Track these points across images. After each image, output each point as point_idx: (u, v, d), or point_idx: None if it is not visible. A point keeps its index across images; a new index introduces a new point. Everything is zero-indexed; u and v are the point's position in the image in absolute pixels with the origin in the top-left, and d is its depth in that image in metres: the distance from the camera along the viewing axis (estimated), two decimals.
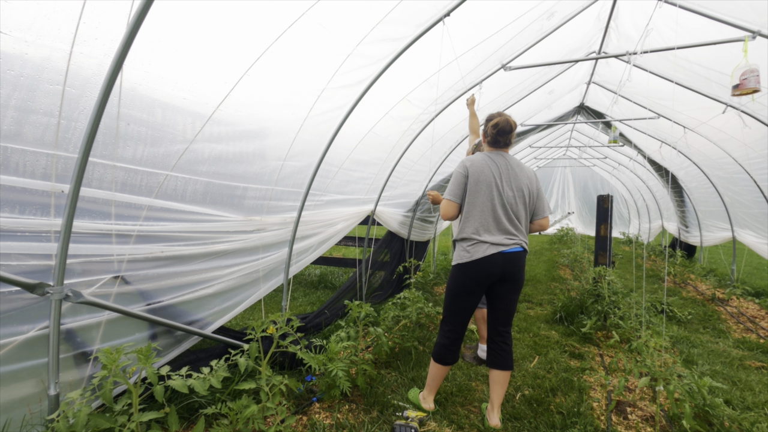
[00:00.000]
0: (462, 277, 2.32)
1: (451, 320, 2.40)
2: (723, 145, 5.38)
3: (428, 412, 2.49)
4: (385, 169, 4.29)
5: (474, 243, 2.27)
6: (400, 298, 3.69)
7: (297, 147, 2.88)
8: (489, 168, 2.30)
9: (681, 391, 2.33)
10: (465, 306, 2.36)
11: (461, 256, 2.31)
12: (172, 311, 2.35)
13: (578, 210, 15.42)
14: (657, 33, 3.77)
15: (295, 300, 5.26)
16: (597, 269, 4.68)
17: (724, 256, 9.23)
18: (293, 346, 2.28)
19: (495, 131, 2.36)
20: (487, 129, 2.41)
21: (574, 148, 11.11)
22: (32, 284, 1.67)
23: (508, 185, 2.31)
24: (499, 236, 2.28)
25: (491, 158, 2.34)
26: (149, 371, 1.69)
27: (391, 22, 2.60)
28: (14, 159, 1.58)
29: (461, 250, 2.32)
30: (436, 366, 2.45)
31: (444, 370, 2.46)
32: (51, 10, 1.48)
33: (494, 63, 3.81)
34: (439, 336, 2.45)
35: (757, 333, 4.34)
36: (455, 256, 2.38)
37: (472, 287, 2.31)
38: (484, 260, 2.25)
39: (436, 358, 2.44)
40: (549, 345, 3.76)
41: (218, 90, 2.16)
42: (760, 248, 5.70)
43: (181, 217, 2.27)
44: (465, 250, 2.29)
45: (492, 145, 2.43)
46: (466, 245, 2.29)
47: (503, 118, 2.35)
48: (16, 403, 1.73)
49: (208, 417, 2.29)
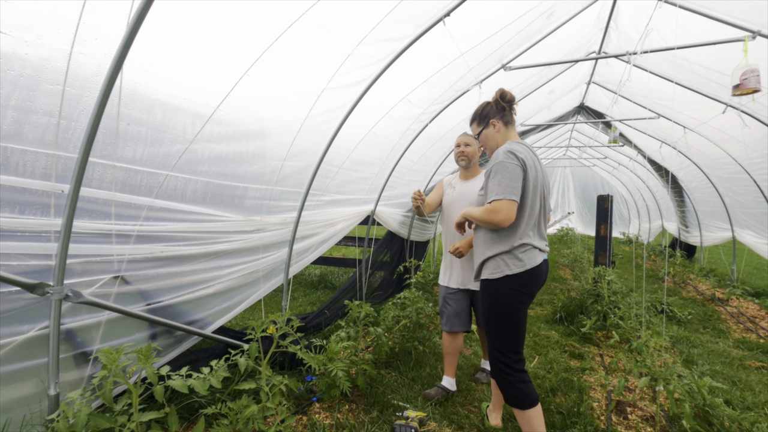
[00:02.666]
0: (515, 292, 1.88)
1: (520, 345, 1.93)
2: (723, 145, 5.38)
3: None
4: (385, 169, 4.28)
5: (527, 249, 1.90)
6: (400, 298, 3.69)
7: (297, 147, 2.88)
8: (533, 160, 1.95)
9: (681, 391, 2.33)
10: (524, 323, 1.95)
11: (512, 265, 1.88)
12: (172, 311, 2.35)
13: (578, 210, 15.41)
14: (657, 33, 3.76)
15: (295, 300, 5.26)
16: (597, 269, 4.68)
17: (724, 256, 9.22)
18: (293, 346, 2.28)
19: (510, 105, 2.07)
20: (502, 105, 2.07)
21: (574, 148, 11.10)
22: (32, 284, 1.67)
23: (544, 181, 2.02)
24: (542, 241, 1.98)
25: (527, 147, 1.99)
26: (149, 371, 1.69)
27: (391, 22, 2.60)
28: (14, 159, 1.58)
29: (510, 258, 1.89)
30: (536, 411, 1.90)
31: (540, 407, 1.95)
32: (51, 10, 1.48)
33: (494, 63, 3.81)
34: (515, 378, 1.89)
35: (757, 333, 4.34)
36: (497, 264, 1.91)
37: (527, 301, 1.93)
38: (536, 270, 1.90)
39: (529, 401, 1.89)
40: (549, 345, 3.76)
41: (218, 90, 2.16)
42: (760, 248, 5.70)
43: (181, 217, 2.27)
44: (516, 258, 1.88)
45: (510, 123, 2.09)
46: (518, 252, 1.89)
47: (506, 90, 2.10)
48: (16, 403, 1.73)
49: (208, 417, 2.29)
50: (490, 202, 1.82)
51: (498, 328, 1.92)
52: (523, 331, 1.94)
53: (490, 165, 1.91)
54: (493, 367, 1.96)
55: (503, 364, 1.91)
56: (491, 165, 1.90)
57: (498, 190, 1.81)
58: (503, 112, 2.08)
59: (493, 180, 1.85)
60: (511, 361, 1.90)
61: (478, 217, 1.89)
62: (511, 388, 1.89)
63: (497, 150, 1.93)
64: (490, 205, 1.82)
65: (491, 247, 1.93)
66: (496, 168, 1.84)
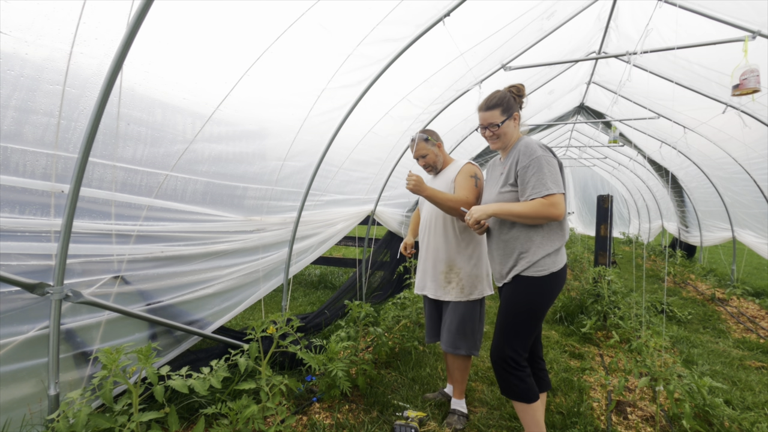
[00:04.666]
0: (554, 289, 1.88)
1: (527, 343, 1.90)
2: (723, 145, 5.38)
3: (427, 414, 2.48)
4: (385, 169, 4.29)
5: (562, 246, 1.92)
6: (400, 298, 3.69)
7: (297, 147, 2.88)
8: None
9: (681, 391, 2.33)
10: (540, 326, 1.98)
11: (558, 262, 1.88)
12: (171, 311, 2.35)
13: (578, 210, 15.40)
14: (657, 33, 3.76)
15: (295, 300, 5.26)
16: (597, 269, 4.68)
17: (724, 256, 9.22)
18: (293, 346, 2.28)
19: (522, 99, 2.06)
20: (518, 100, 2.05)
21: (574, 148, 11.10)
22: (32, 284, 1.67)
23: None
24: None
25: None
26: (149, 371, 1.69)
27: (392, 22, 2.60)
28: (14, 159, 1.58)
29: (557, 254, 1.88)
30: (540, 404, 1.93)
31: (542, 401, 1.99)
32: (51, 10, 1.48)
33: (494, 63, 3.81)
34: (523, 372, 1.87)
35: (757, 333, 4.34)
36: (545, 262, 1.85)
37: (553, 302, 1.92)
38: (565, 267, 1.92)
39: (534, 394, 1.88)
40: (549, 345, 3.76)
41: (218, 90, 2.16)
42: (760, 248, 5.70)
43: (181, 217, 2.27)
44: (560, 254, 1.90)
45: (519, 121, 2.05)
46: (560, 250, 1.90)
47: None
48: (16, 403, 1.73)
49: (208, 417, 2.29)
50: (545, 196, 1.76)
51: (521, 327, 1.87)
52: (536, 333, 1.93)
53: (523, 159, 1.85)
54: (501, 363, 1.88)
55: (513, 361, 1.86)
56: (525, 159, 1.84)
57: (550, 184, 1.77)
58: (519, 107, 2.06)
59: (538, 173, 1.79)
60: (521, 357, 1.87)
61: (529, 212, 1.79)
62: (520, 383, 1.86)
63: (527, 143, 1.89)
64: (548, 198, 1.76)
65: (542, 245, 1.85)
66: (538, 162, 1.80)
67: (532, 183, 1.81)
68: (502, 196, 1.96)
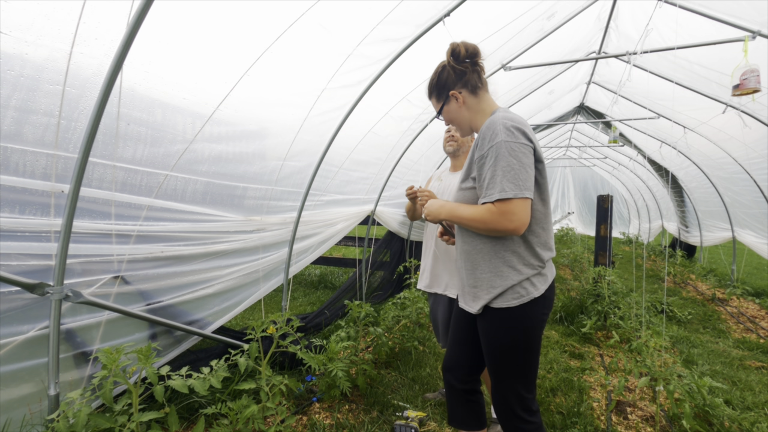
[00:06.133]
0: (538, 317, 1.42)
1: (535, 379, 1.50)
2: (723, 145, 5.38)
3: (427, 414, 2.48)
4: (385, 169, 4.29)
5: (547, 262, 1.45)
6: (400, 298, 3.69)
7: (297, 147, 2.88)
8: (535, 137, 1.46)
9: (681, 391, 2.33)
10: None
11: (538, 284, 1.40)
12: (171, 311, 2.35)
13: (578, 210, 15.40)
14: (657, 33, 3.77)
15: (295, 300, 5.26)
16: (597, 269, 4.68)
17: (724, 256, 9.22)
18: (293, 346, 2.28)
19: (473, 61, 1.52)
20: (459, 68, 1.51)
21: (574, 148, 11.11)
22: (32, 284, 1.67)
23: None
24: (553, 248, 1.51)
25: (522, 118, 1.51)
26: (149, 371, 1.69)
27: (392, 22, 2.60)
28: (14, 159, 1.58)
29: (536, 277, 1.41)
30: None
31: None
32: (51, 10, 1.48)
33: (494, 63, 3.81)
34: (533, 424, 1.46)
35: (757, 333, 4.34)
36: (522, 288, 1.39)
37: (542, 327, 1.47)
38: (552, 286, 1.47)
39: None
40: (549, 345, 3.76)
41: (218, 90, 2.16)
42: (760, 248, 5.70)
43: (181, 217, 2.27)
44: (540, 276, 1.42)
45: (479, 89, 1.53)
46: (542, 270, 1.42)
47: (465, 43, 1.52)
48: (16, 403, 1.73)
49: (208, 417, 2.29)
50: (495, 201, 1.28)
51: (515, 367, 1.43)
52: (538, 361, 1.50)
53: (483, 144, 1.36)
54: (507, 416, 1.47)
55: (522, 410, 1.44)
56: (485, 144, 1.35)
57: (505, 184, 1.27)
58: (464, 77, 1.50)
59: (493, 168, 1.30)
60: (530, 402, 1.46)
61: (477, 220, 1.35)
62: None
63: (491, 122, 1.36)
64: (497, 205, 1.28)
65: (515, 265, 1.38)
66: (496, 150, 1.30)
67: (486, 181, 1.33)
68: (462, 193, 1.50)
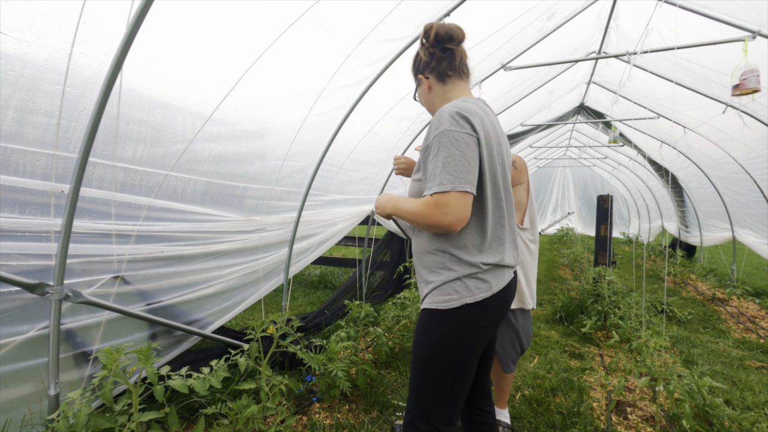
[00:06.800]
0: (481, 324, 1.25)
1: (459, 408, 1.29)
2: (723, 145, 5.38)
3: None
4: (386, 169, 4.29)
5: (491, 267, 1.27)
6: (400, 298, 3.69)
7: (297, 147, 2.88)
8: (494, 126, 1.31)
9: (681, 391, 2.33)
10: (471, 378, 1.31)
11: (473, 288, 1.24)
12: (171, 311, 2.35)
13: (578, 210, 15.40)
14: (657, 33, 3.77)
15: (295, 300, 5.26)
16: (597, 269, 4.68)
17: (724, 256, 9.22)
18: (293, 346, 2.28)
19: (442, 47, 1.36)
20: (430, 50, 1.38)
21: (574, 148, 11.11)
22: (32, 284, 1.67)
23: (506, 159, 1.38)
24: (512, 251, 1.37)
25: (484, 105, 1.36)
26: (149, 371, 1.69)
27: (392, 22, 2.60)
28: (14, 159, 1.58)
29: (471, 279, 1.25)
30: None
31: None
32: (51, 10, 1.48)
33: (494, 63, 3.81)
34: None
35: (757, 333, 4.34)
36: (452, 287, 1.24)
37: (485, 342, 1.30)
38: (503, 293, 1.30)
39: None
40: (549, 345, 3.76)
41: (218, 90, 2.17)
42: (760, 248, 5.70)
43: (181, 217, 2.27)
44: (478, 279, 1.25)
45: (450, 77, 1.39)
46: (479, 273, 1.25)
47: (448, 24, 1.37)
48: (16, 403, 1.73)
49: (208, 417, 2.29)
50: (432, 194, 1.17)
51: (432, 381, 1.24)
52: (468, 388, 1.29)
53: (429, 133, 1.26)
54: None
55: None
56: (431, 134, 1.25)
57: (443, 176, 1.16)
58: (433, 61, 1.38)
59: (435, 159, 1.19)
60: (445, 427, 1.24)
61: (415, 213, 1.23)
62: None
63: (440, 111, 1.25)
64: (435, 197, 1.16)
65: (447, 266, 1.26)
66: (438, 140, 1.20)
67: (429, 173, 1.22)
68: (413, 185, 1.39)
